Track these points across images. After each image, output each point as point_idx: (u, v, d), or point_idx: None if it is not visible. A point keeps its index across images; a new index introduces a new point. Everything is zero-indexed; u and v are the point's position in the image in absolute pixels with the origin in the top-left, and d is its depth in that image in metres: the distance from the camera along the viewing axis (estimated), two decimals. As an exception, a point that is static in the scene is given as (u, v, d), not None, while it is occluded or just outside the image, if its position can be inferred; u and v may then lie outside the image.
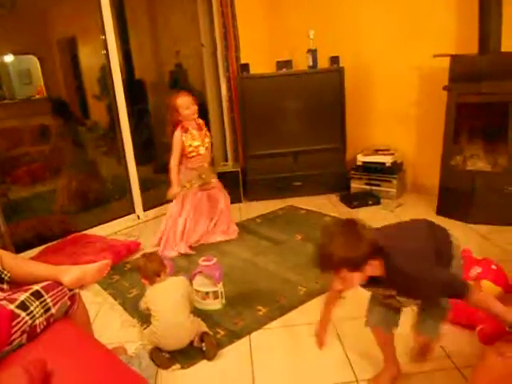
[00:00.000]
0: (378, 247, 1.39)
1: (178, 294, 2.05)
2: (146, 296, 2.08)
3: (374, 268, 1.40)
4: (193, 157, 3.12)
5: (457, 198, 3.25)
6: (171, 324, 1.97)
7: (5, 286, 1.62)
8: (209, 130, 4.62)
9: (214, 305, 2.35)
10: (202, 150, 3.14)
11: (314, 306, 2.31)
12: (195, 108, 3.09)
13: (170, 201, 3.23)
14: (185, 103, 3.04)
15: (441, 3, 3.43)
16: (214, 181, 3.32)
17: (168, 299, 2.03)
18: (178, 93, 3.11)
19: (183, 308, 2.03)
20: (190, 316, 2.04)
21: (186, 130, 3.08)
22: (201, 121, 3.23)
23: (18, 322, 1.41)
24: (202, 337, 2.01)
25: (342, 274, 1.39)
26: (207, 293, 2.34)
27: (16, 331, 1.39)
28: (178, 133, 3.07)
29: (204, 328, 2.07)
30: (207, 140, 3.21)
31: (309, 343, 1.89)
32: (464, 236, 2.99)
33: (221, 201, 3.32)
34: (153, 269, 2.09)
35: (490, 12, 2.94)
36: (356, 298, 2.32)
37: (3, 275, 1.63)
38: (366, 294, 2.35)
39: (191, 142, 3.09)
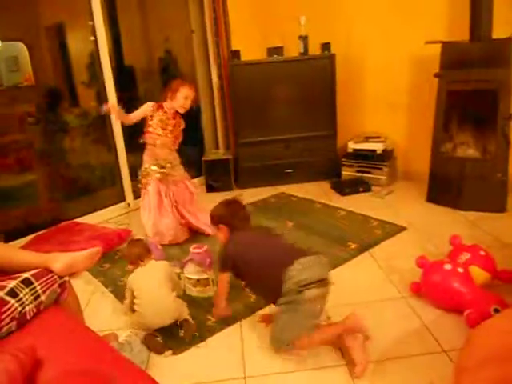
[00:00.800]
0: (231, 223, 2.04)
1: (160, 273, 2.09)
2: (129, 279, 2.11)
3: (223, 232, 2.06)
4: (149, 132, 3.03)
5: (447, 184, 3.27)
6: (154, 299, 2.01)
7: None
8: (200, 117, 4.63)
9: (205, 292, 2.36)
10: (160, 131, 3.02)
11: (305, 293, 2.33)
12: (189, 104, 3.02)
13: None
14: (187, 93, 2.97)
15: (432, -11, 3.42)
16: (178, 174, 3.15)
17: (150, 279, 2.07)
18: (186, 82, 3.07)
19: (165, 287, 2.05)
20: (172, 294, 2.07)
21: (160, 107, 3.03)
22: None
23: (8, 309, 1.40)
24: (182, 324, 2.05)
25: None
26: (198, 280, 2.35)
27: (5, 318, 1.39)
28: (150, 103, 3.05)
29: (185, 315, 2.09)
30: (171, 129, 3.06)
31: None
32: (453, 222, 3.02)
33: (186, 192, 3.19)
34: (136, 253, 2.14)
35: (481, 0, 2.93)
36: (348, 285, 2.36)
37: None
38: (359, 281, 2.38)
39: (159, 117, 3.01)
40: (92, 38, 3.64)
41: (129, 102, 4.38)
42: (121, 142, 3.78)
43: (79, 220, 3.52)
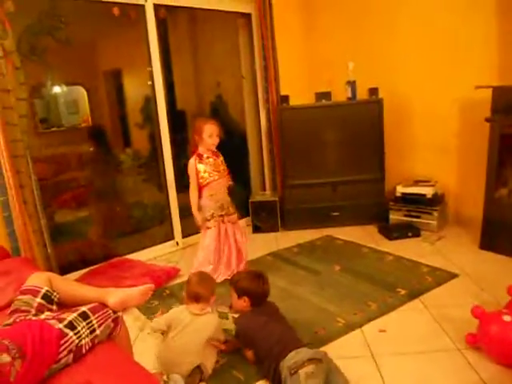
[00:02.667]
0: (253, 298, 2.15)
1: (206, 333, 2.03)
2: (176, 311, 2.10)
3: (245, 303, 2.16)
4: (208, 183, 3.06)
5: (502, 231, 3.14)
6: (186, 350, 1.97)
7: (54, 307, 1.68)
8: (248, 159, 4.73)
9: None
10: (216, 176, 3.07)
11: (353, 339, 2.27)
12: (217, 140, 3.04)
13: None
14: (210, 130, 2.99)
15: (481, 34, 3.42)
16: (234, 212, 3.21)
17: (194, 332, 2.02)
18: (207, 118, 3.12)
19: (201, 348, 2.00)
20: (204, 353, 2.01)
21: (200, 157, 3.05)
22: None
23: (66, 341, 1.46)
24: (199, 368, 1.99)
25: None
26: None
27: (63, 350, 1.44)
28: (192, 161, 3.06)
29: (208, 363, 2.02)
30: (223, 168, 3.14)
31: (349, 377, 1.84)
32: (510, 271, 2.88)
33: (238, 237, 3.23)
34: (195, 290, 2.11)
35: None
36: (399, 332, 2.29)
37: (53, 296, 1.70)
38: (409, 329, 2.31)
39: (205, 167, 3.05)
40: (149, 83, 3.85)
41: (180, 144, 4.57)
42: (172, 182, 3.91)
43: (130, 256, 3.62)
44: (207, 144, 3.03)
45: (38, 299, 1.65)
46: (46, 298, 1.68)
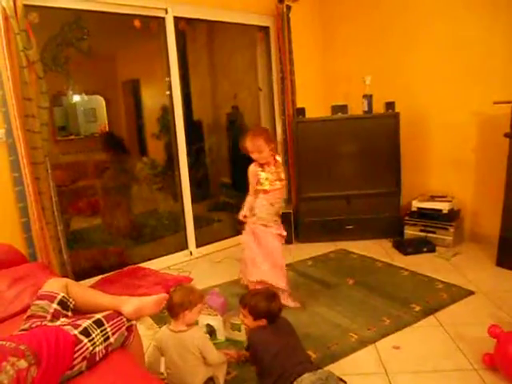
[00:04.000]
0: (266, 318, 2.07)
1: (189, 352, 1.90)
2: (157, 338, 2.00)
3: (260, 323, 2.08)
4: (267, 192, 2.86)
5: (520, 249, 3.09)
6: (181, 373, 1.90)
7: (69, 314, 1.70)
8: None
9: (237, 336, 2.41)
10: (278, 185, 2.87)
11: (366, 356, 2.24)
12: (265, 153, 2.77)
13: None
14: (248, 147, 2.78)
15: (500, 49, 3.41)
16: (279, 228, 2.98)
17: (176, 355, 1.91)
18: (250, 132, 2.83)
19: (192, 363, 1.91)
20: (199, 365, 1.92)
21: (261, 165, 2.85)
22: (278, 158, 2.95)
23: (81, 348, 1.47)
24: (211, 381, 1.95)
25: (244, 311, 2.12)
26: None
27: (78, 356, 1.45)
28: (252, 166, 2.87)
29: (219, 377, 1.98)
30: (283, 176, 2.95)
31: (361, 394, 1.82)
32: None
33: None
34: (169, 307, 1.98)
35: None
36: (413, 350, 2.25)
37: (69, 303, 1.72)
38: (424, 347, 2.27)
39: (267, 175, 2.85)
40: (167, 93, 3.89)
41: (196, 154, 4.61)
42: (187, 192, 3.93)
43: (143, 265, 3.64)
44: (257, 160, 2.83)
45: (55, 305, 1.67)
46: (62, 304, 1.70)
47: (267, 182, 2.86)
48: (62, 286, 1.76)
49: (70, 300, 1.74)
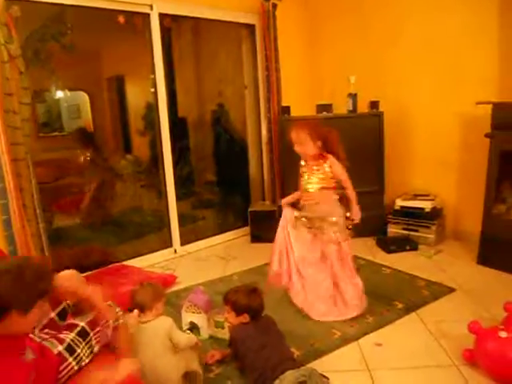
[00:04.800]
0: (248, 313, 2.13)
1: (158, 340, 1.92)
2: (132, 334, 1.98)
3: (244, 319, 2.14)
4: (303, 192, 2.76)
5: (500, 247, 3.15)
6: (150, 368, 1.86)
7: (64, 322, 1.61)
8: (248, 168, 4.73)
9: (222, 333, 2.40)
10: (310, 188, 2.74)
11: (349, 352, 2.26)
12: (309, 145, 2.61)
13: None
14: (294, 138, 2.63)
15: (482, 51, 3.46)
16: (331, 233, 2.75)
17: (147, 348, 1.91)
18: (299, 122, 2.71)
19: (163, 353, 1.91)
20: (171, 356, 1.92)
21: (305, 160, 2.74)
22: (329, 156, 2.72)
23: (66, 367, 1.42)
24: (189, 375, 1.95)
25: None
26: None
27: (62, 376, 1.41)
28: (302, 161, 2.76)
29: (194, 366, 1.97)
30: (321, 176, 2.72)
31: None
32: (507, 287, 2.89)
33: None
34: (136, 301, 2.01)
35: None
36: (395, 346, 2.28)
37: (69, 310, 1.64)
38: (406, 343, 2.30)
39: (305, 174, 2.75)
40: (152, 90, 3.86)
41: (180, 151, 4.59)
42: (171, 189, 3.91)
43: (127, 263, 3.61)
44: (300, 153, 2.70)
45: (52, 314, 1.61)
46: (62, 313, 1.63)
47: (305, 181, 2.74)
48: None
49: (71, 306, 1.65)
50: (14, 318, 1.33)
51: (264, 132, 4.52)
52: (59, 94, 4.56)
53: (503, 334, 1.93)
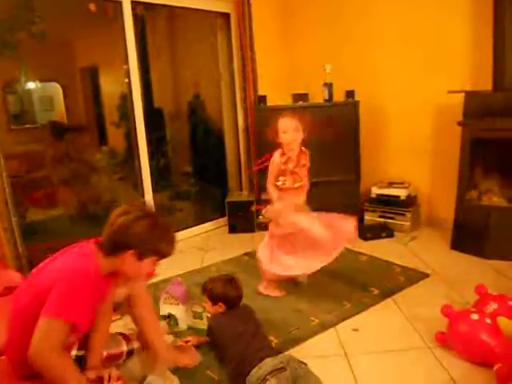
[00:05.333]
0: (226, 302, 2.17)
1: None
2: None
3: (220, 309, 2.19)
4: (282, 189, 2.69)
5: (472, 232, 3.23)
6: None
7: None
8: (225, 159, 4.72)
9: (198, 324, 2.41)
10: (287, 183, 2.68)
11: (327, 339, 2.29)
12: (297, 136, 2.59)
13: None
14: (284, 125, 2.58)
15: (455, 40, 3.51)
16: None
17: None
18: (287, 111, 2.66)
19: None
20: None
21: (281, 155, 2.66)
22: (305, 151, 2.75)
23: None
24: None
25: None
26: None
27: None
28: (276, 154, 2.66)
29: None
30: (304, 172, 2.74)
31: (323, 377, 1.86)
32: (479, 271, 2.97)
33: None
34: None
35: (504, 50, 3.00)
36: (372, 331, 2.32)
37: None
38: (382, 328, 2.34)
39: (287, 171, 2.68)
40: (126, 80, 3.80)
41: (156, 142, 4.54)
42: (148, 181, 3.87)
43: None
44: (284, 142, 2.61)
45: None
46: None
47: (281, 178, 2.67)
48: None
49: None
50: (127, 258, 1.57)
51: (240, 122, 4.50)
52: (31, 85, 4.44)
53: (475, 317, 1.98)
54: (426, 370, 1.96)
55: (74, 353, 1.69)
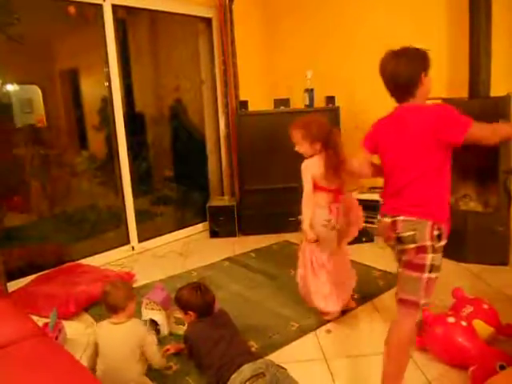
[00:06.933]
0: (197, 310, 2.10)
1: (131, 341, 1.90)
2: (96, 331, 1.96)
3: (191, 317, 2.11)
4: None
5: (449, 237, 3.27)
6: (113, 369, 1.86)
7: None
8: (206, 164, 4.71)
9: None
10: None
11: (306, 343, 2.31)
12: (304, 146, 2.49)
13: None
14: (293, 138, 2.54)
15: (433, 49, 3.53)
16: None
17: (118, 347, 1.89)
18: (296, 120, 2.53)
19: (130, 359, 1.88)
20: (135, 365, 1.89)
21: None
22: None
23: None
24: None
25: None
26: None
27: None
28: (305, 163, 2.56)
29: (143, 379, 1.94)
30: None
31: (302, 381, 1.87)
32: (456, 275, 3.02)
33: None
34: (109, 302, 1.95)
35: (479, 59, 3.08)
36: (351, 335, 2.34)
37: None
38: (361, 332, 2.36)
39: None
40: (106, 84, 3.77)
41: (137, 147, 4.50)
42: (128, 186, 3.85)
43: (83, 261, 3.53)
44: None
45: None
46: None
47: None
48: None
49: None
50: (423, 80, 1.82)
51: (222, 127, 4.51)
52: (9, 88, 4.37)
53: (451, 320, 2.02)
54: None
55: None
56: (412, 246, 1.67)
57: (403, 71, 1.82)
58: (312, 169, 2.49)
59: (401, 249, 1.70)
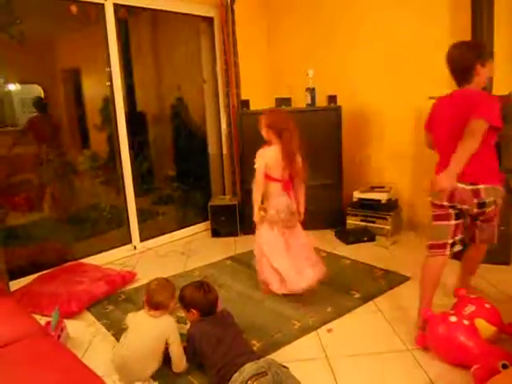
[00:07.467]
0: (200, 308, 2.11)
1: (162, 337, 2.02)
2: (129, 316, 2.15)
3: (194, 316, 2.13)
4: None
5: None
6: (131, 355, 1.98)
7: None
8: (208, 163, 4.71)
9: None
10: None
11: (308, 342, 2.31)
12: (262, 130, 2.87)
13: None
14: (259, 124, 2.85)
15: (436, 47, 3.56)
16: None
17: (144, 339, 2.01)
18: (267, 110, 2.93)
19: (149, 352, 2.00)
20: (152, 361, 2.01)
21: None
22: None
23: None
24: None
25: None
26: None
27: None
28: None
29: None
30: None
31: (304, 380, 1.87)
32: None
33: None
34: (155, 299, 2.07)
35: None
36: (353, 334, 2.34)
37: None
38: (363, 331, 2.36)
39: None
40: (108, 84, 3.77)
41: (139, 146, 4.51)
42: (130, 185, 3.85)
43: (85, 260, 3.53)
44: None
45: None
46: None
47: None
48: None
49: None
50: (478, 70, 2.10)
51: (224, 126, 4.50)
52: (11, 87, 4.38)
53: (453, 319, 2.01)
54: (405, 372, 1.99)
55: None
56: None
57: (458, 60, 2.19)
58: (266, 157, 2.85)
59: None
